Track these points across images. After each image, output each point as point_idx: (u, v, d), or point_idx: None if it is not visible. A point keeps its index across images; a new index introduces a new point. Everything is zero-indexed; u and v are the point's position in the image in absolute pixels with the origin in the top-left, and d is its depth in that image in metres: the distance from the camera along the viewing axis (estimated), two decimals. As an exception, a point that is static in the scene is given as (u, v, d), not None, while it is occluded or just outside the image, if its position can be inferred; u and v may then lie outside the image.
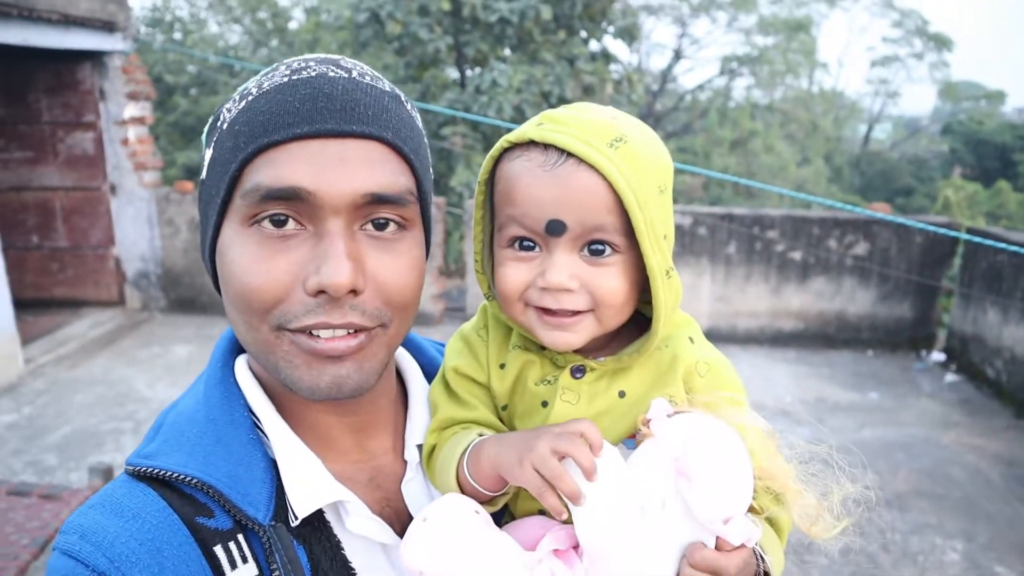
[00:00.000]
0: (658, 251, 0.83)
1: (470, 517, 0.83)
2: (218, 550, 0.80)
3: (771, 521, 0.87)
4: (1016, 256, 6.45)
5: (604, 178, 0.80)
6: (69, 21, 7.05)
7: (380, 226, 0.81)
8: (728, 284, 7.94)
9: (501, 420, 0.96)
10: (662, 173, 0.85)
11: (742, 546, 0.78)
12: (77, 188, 8.28)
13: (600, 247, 0.83)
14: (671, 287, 0.86)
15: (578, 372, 0.91)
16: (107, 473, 3.59)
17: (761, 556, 0.82)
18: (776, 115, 23.73)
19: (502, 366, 0.95)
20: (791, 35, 23.67)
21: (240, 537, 0.82)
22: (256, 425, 0.89)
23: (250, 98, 0.80)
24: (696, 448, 0.77)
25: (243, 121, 0.79)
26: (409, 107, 0.88)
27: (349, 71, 0.82)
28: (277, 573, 0.80)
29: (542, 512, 0.89)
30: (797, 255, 7.82)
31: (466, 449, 0.88)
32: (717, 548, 0.78)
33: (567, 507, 0.77)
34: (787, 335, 8.02)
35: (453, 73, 11.90)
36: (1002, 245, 5.38)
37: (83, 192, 8.29)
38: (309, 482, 0.86)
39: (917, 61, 28.64)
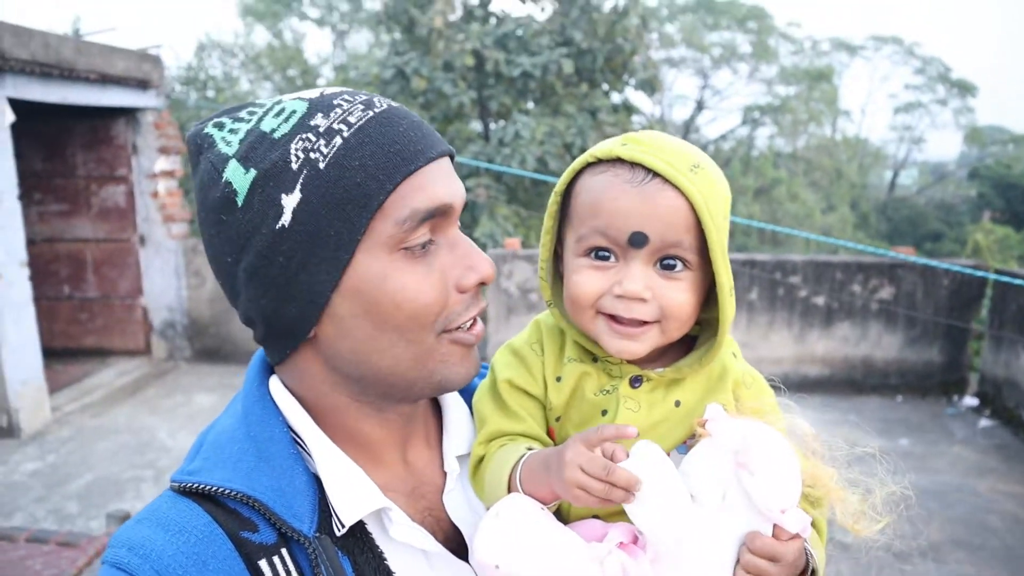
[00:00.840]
0: (726, 269, 0.90)
1: (539, 513, 0.86)
2: (263, 564, 0.81)
3: (812, 524, 0.91)
4: (1047, 299, 6.31)
5: (687, 199, 0.87)
6: (106, 80, 7.34)
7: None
8: (751, 331, 7.85)
9: (551, 431, 0.99)
10: (726, 203, 0.93)
11: (797, 536, 0.84)
12: (108, 240, 8.50)
13: (672, 262, 0.90)
14: (732, 304, 0.93)
15: (636, 382, 0.95)
16: (124, 520, 3.59)
17: (810, 552, 0.86)
18: (800, 163, 23.77)
19: (558, 379, 0.99)
20: (813, 84, 23.86)
21: (284, 551, 0.83)
22: (295, 441, 0.90)
23: (344, 135, 0.82)
24: (756, 443, 0.83)
25: (364, 156, 0.81)
26: None
27: (390, 102, 0.91)
28: None
29: (596, 516, 0.92)
30: (820, 300, 7.73)
31: (517, 463, 0.89)
32: (774, 537, 0.84)
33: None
34: (812, 381, 7.87)
35: (477, 126, 12.11)
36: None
37: (113, 243, 8.50)
38: (353, 491, 0.88)
39: (941, 107, 28.67)
